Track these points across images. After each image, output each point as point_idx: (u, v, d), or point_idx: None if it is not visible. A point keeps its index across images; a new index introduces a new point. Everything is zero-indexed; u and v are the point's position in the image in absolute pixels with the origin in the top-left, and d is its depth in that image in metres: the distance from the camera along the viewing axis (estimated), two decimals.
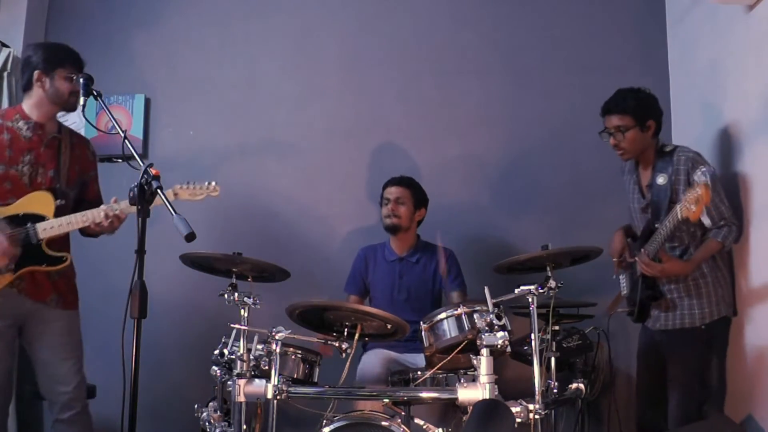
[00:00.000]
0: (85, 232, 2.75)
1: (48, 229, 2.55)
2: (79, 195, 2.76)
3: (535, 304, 2.37)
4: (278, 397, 2.27)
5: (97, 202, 2.75)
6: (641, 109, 2.79)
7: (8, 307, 2.56)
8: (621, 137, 2.79)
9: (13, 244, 2.50)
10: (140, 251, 1.96)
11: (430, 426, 2.34)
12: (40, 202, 2.58)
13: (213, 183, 2.78)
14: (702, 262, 2.70)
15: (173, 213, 1.96)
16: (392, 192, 3.27)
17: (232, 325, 2.48)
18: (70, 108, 2.67)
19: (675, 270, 2.68)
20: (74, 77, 2.61)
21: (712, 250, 2.69)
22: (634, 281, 2.87)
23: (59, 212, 2.59)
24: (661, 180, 2.72)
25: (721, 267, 2.78)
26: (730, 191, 2.79)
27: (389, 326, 2.49)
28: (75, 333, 2.71)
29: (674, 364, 2.75)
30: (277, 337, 2.32)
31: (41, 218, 2.56)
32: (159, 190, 1.98)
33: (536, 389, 2.27)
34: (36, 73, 2.62)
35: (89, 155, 2.83)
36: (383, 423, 2.30)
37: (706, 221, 2.65)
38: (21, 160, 2.59)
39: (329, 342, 2.47)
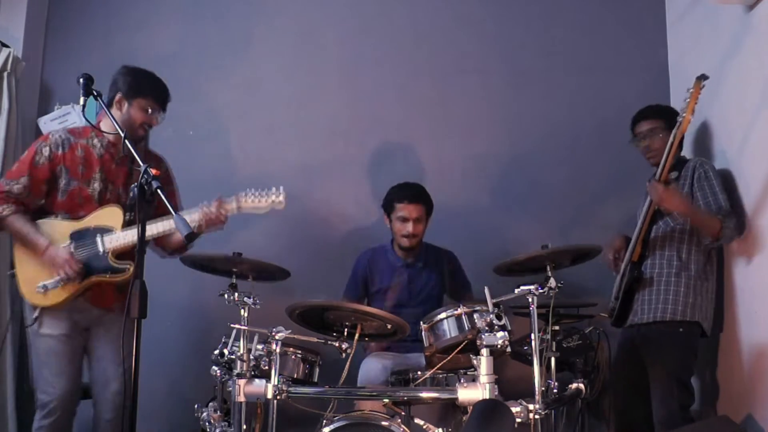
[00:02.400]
0: (164, 249, 2.84)
1: (113, 240, 2.62)
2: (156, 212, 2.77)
3: (535, 304, 2.37)
4: (278, 397, 2.28)
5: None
6: (671, 115, 2.90)
7: (75, 314, 2.65)
8: (655, 139, 2.87)
9: (75, 259, 2.59)
10: (140, 251, 1.96)
11: (430, 426, 2.34)
12: (110, 215, 2.66)
13: (280, 190, 2.76)
14: (697, 217, 2.69)
15: (173, 213, 1.97)
16: (412, 211, 3.15)
17: (232, 325, 2.48)
18: (136, 138, 2.70)
19: (676, 199, 2.66)
20: (149, 110, 2.71)
21: (709, 221, 2.67)
22: (620, 280, 2.90)
23: (128, 226, 2.64)
24: (672, 175, 2.80)
25: (709, 278, 2.80)
26: (728, 190, 2.79)
27: (389, 326, 2.49)
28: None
29: (653, 367, 2.77)
30: (277, 337, 2.33)
31: (110, 231, 2.64)
32: (159, 190, 1.99)
33: (536, 389, 2.27)
34: (118, 95, 2.69)
35: (162, 173, 2.84)
36: (383, 423, 2.30)
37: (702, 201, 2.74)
38: (93, 177, 2.68)
39: (329, 342, 2.47)
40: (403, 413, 2.34)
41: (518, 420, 2.18)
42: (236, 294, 2.51)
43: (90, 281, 2.62)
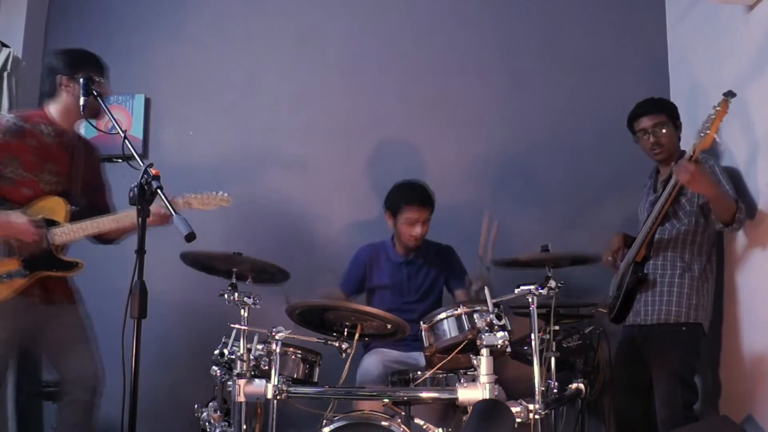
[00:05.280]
0: (98, 239, 2.77)
1: (61, 234, 2.56)
2: (90, 203, 2.75)
3: (535, 304, 2.37)
4: (278, 397, 2.27)
5: (105, 209, 2.78)
6: (672, 108, 2.90)
7: (19, 313, 2.54)
8: (661, 133, 2.83)
9: (38, 229, 2.50)
10: (140, 251, 1.95)
11: (430, 426, 2.34)
12: (53, 207, 2.59)
13: (224, 193, 2.85)
14: (720, 199, 2.60)
15: (173, 213, 1.96)
16: (420, 214, 3.13)
17: (232, 325, 2.48)
18: (95, 113, 2.62)
19: (705, 179, 2.56)
20: (97, 78, 2.62)
21: (729, 203, 2.61)
22: (620, 278, 2.91)
23: (72, 218, 2.60)
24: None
25: (710, 278, 2.80)
26: (734, 183, 2.78)
27: (389, 326, 2.49)
28: (84, 322, 2.75)
29: (656, 367, 2.77)
30: (277, 337, 2.33)
31: (54, 224, 2.57)
32: (159, 190, 1.98)
33: (536, 389, 2.27)
34: (61, 78, 2.62)
35: (98, 163, 2.85)
36: (383, 423, 2.29)
37: None
38: (44, 168, 2.60)
39: (329, 342, 2.47)
40: (403, 413, 2.34)
41: (518, 420, 2.18)
42: (236, 294, 2.51)
43: (36, 276, 2.54)
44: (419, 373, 2.59)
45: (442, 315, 2.36)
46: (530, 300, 2.36)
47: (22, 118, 2.63)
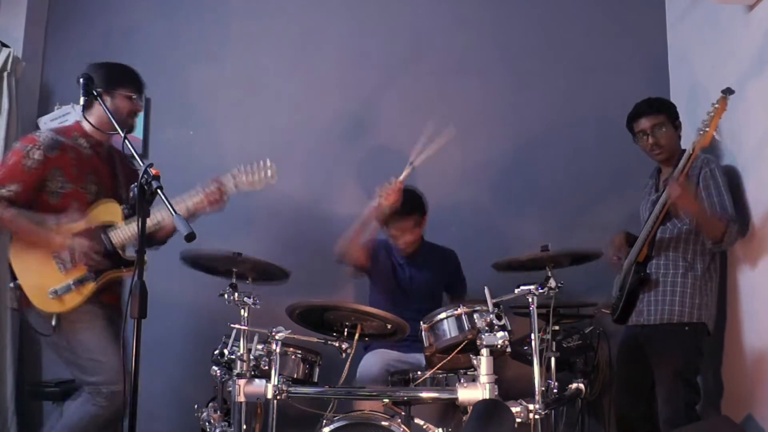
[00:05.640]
0: (148, 241, 2.77)
1: (120, 234, 2.60)
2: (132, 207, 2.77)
3: (535, 304, 2.37)
4: (278, 397, 2.28)
5: (147, 213, 2.79)
6: (671, 107, 2.90)
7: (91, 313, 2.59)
8: (660, 134, 2.83)
9: (96, 247, 2.55)
10: (140, 251, 1.96)
11: (430, 426, 2.34)
12: (108, 211, 2.64)
13: (269, 164, 2.90)
14: (705, 221, 2.63)
15: (173, 213, 1.97)
16: (404, 226, 3.12)
17: (232, 325, 2.48)
18: (128, 128, 2.67)
19: (692, 201, 2.60)
20: (134, 97, 2.69)
21: (715, 224, 2.62)
22: (623, 278, 2.90)
23: (127, 218, 2.63)
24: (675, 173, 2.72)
25: (713, 277, 2.80)
26: (733, 190, 2.78)
27: (389, 326, 2.49)
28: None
29: (659, 366, 2.76)
30: (277, 337, 2.33)
31: (112, 226, 2.61)
32: (159, 190, 1.98)
33: (536, 389, 2.27)
34: (96, 93, 2.60)
35: (134, 170, 2.87)
36: (383, 423, 2.30)
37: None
38: (86, 179, 2.64)
39: (329, 342, 2.47)
40: (403, 413, 2.34)
41: (518, 420, 2.18)
42: (236, 294, 2.51)
43: (105, 279, 2.59)
44: (419, 373, 2.59)
45: (442, 315, 2.36)
46: (530, 300, 2.37)
47: (58, 132, 2.68)
